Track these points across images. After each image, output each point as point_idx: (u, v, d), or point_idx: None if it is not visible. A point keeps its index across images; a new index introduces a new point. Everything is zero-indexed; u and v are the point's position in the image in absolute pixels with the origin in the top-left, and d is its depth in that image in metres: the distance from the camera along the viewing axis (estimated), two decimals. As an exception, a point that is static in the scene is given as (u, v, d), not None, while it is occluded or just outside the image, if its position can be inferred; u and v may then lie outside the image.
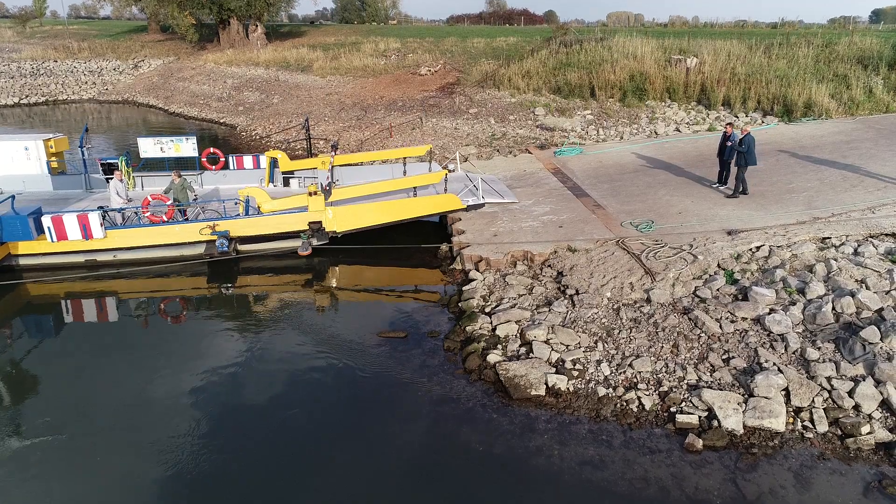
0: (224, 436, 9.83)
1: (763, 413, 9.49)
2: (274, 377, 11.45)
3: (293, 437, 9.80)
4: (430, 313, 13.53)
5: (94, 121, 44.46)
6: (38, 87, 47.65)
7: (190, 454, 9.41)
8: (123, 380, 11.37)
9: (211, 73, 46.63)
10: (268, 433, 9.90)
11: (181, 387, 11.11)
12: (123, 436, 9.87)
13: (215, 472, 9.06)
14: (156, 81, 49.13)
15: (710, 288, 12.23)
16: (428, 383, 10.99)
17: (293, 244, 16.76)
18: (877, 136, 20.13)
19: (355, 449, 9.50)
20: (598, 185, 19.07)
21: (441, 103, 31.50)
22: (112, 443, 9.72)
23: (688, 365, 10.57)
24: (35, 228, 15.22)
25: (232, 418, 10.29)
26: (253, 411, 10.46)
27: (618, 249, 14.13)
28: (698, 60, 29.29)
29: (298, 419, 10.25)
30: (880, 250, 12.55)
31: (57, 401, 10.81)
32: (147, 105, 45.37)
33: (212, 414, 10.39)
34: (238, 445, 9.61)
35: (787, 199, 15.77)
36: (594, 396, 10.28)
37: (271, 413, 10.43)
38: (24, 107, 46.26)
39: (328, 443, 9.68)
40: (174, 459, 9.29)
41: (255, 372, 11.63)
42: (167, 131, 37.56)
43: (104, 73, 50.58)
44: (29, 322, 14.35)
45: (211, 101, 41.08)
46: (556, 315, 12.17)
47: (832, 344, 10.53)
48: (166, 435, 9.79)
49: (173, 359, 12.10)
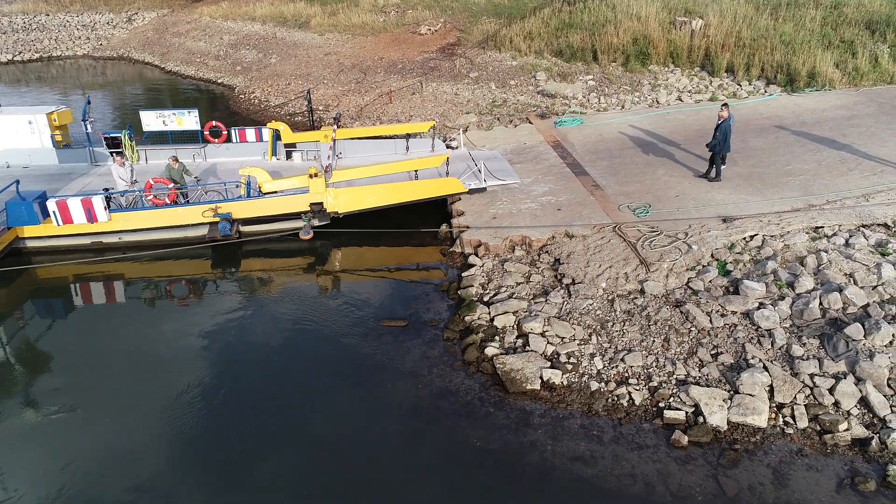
0: (224, 422, 10.37)
1: (747, 410, 9.98)
2: (277, 365, 11.97)
3: (293, 427, 10.35)
4: (430, 300, 13.92)
5: (91, 76, 43.99)
6: (31, 44, 46.83)
7: (186, 447, 9.98)
8: (128, 356, 12.21)
9: (207, 28, 45.68)
10: (267, 421, 10.45)
11: (179, 377, 11.68)
12: (130, 403, 10.89)
13: (215, 461, 9.64)
14: (150, 36, 48.19)
15: (703, 280, 12.57)
16: (428, 375, 11.47)
17: (295, 225, 17.01)
18: (878, 111, 20.02)
19: (357, 441, 10.05)
20: (598, 161, 19.14)
21: (441, 66, 31.07)
22: (119, 409, 10.66)
23: (677, 360, 11.01)
24: (41, 213, 15.49)
25: (232, 403, 10.83)
26: (253, 398, 10.99)
27: (614, 237, 14.39)
28: (703, 22, 28.72)
29: (299, 409, 10.79)
30: (871, 241, 12.81)
31: (67, 373, 11.82)
32: (143, 62, 44.66)
33: (211, 404, 10.92)
34: (237, 432, 10.16)
35: (783, 182, 15.90)
36: (587, 391, 10.77)
37: (272, 401, 10.99)
38: (19, 64, 45.58)
39: (330, 433, 10.24)
40: (168, 436, 9.88)
41: (256, 358, 12.17)
42: (165, 91, 37.22)
43: (97, 27, 49.57)
44: (39, 304, 14.86)
45: (208, 60, 40.44)
46: (553, 306, 12.55)
47: (817, 340, 10.93)
48: (163, 416, 10.35)
49: (174, 343, 12.71)
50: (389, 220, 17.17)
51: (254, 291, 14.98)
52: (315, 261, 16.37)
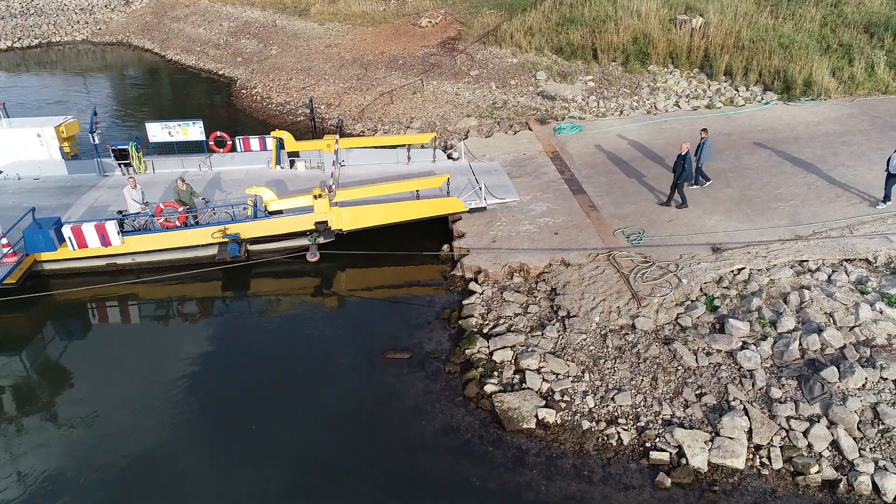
0: (233, 458, 11.20)
1: (726, 452, 10.77)
2: (286, 398, 12.73)
3: (298, 460, 11.16)
4: (432, 329, 14.61)
5: (90, 60, 43.99)
6: (30, 29, 46.58)
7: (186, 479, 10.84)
8: (142, 371, 13.56)
9: (206, 13, 45.38)
10: (274, 452, 11.26)
11: (184, 399, 12.85)
12: (139, 415, 12.42)
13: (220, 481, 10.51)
14: (149, 20, 47.88)
15: (691, 316, 13.25)
16: (431, 411, 12.25)
17: (301, 242, 17.63)
18: (870, 126, 20.42)
19: (364, 477, 10.87)
20: (595, 177, 19.64)
21: (442, 62, 31.21)
22: (132, 422, 12.14)
23: (664, 400, 11.77)
24: (57, 239, 16.08)
25: (241, 441, 11.64)
26: (260, 428, 11.79)
27: (608, 266, 15.03)
28: (704, 20, 28.80)
29: (307, 442, 11.61)
30: (852, 278, 13.46)
31: (86, 387, 13.36)
32: (142, 48, 44.52)
33: (217, 437, 11.74)
34: (243, 466, 10.99)
35: (773, 208, 16.46)
36: (579, 430, 11.55)
37: (279, 431, 11.81)
38: (18, 51, 45.44)
39: (337, 468, 11.06)
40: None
41: (264, 389, 12.97)
42: (166, 88, 37.32)
43: (95, 10, 49.18)
44: (58, 325, 15.70)
45: (208, 49, 40.38)
46: (549, 340, 13.27)
47: (795, 381, 11.67)
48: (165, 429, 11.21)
49: (179, 370, 13.71)
50: (393, 240, 17.72)
51: (261, 316, 15.68)
52: (321, 283, 17.03)
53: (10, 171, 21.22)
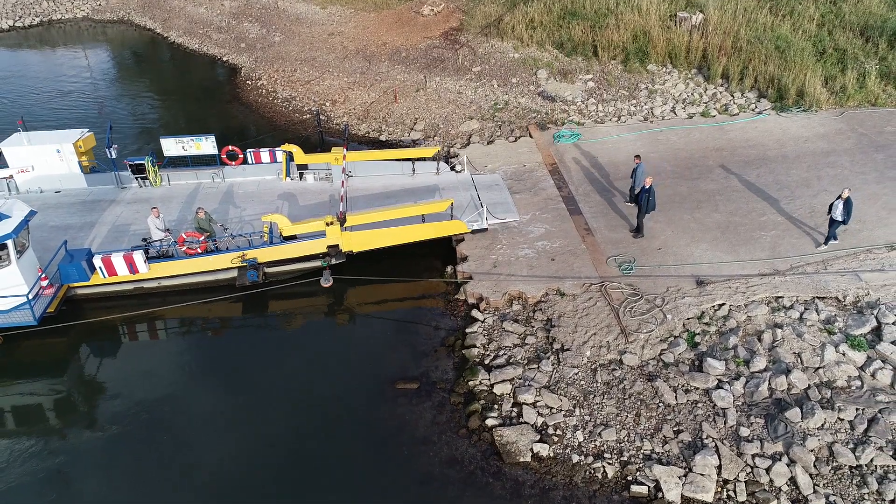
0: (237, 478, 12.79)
1: (697, 487, 12.30)
2: (296, 426, 14.29)
3: (312, 489, 12.75)
4: (438, 357, 16.00)
5: (91, 36, 44.12)
6: (30, 7, 46.42)
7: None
8: (169, 392, 15.44)
9: (206, -9, 45.15)
10: (288, 477, 12.84)
11: (202, 426, 14.55)
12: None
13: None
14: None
15: (673, 353, 14.61)
16: (437, 443, 13.77)
17: (314, 264, 18.87)
18: (855, 146, 21.28)
19: (384, 513, 12.48)
20: (591, 195, 20.70)
21: (445, 56, 31.67)
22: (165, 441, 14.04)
23: (645, 436, 13.25)
24: (88, 270, 17.32)
25: (251, 475, 13.21)
26: (271, 462, 13.35)
27: (600, 298, 16.30)
28: (703, 17, 29.16)
29: (317, 475, 13.16)
30: (821, 317, 14.76)
31: (119, 402, 15.32)
32: (144, 27, 44.50)
33: (230, 471, 13.32)
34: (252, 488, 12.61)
35: (756, 238, 17.61)
36: (569, 462, 13.07)
37: (290, 465, 13.37)
38: (20, 30, 45.46)
39: (352, 493, 12.63)
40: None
41: (276, 417, 14.51)
42: (171, 84, 37.65)
43: (94, -17, 48.72)
44: (94, 346, 17.15)
45: (211, 32, 40.46)
46: (544, 374, 14.68)
47: (762, 420, 13.12)
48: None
49: (195, 397, 15.43)
50: (402, 255, 18.90)
51: (278, 342, 17.02)
52: (334, 306, 18.33)
53: (32, 184, 22.29)
